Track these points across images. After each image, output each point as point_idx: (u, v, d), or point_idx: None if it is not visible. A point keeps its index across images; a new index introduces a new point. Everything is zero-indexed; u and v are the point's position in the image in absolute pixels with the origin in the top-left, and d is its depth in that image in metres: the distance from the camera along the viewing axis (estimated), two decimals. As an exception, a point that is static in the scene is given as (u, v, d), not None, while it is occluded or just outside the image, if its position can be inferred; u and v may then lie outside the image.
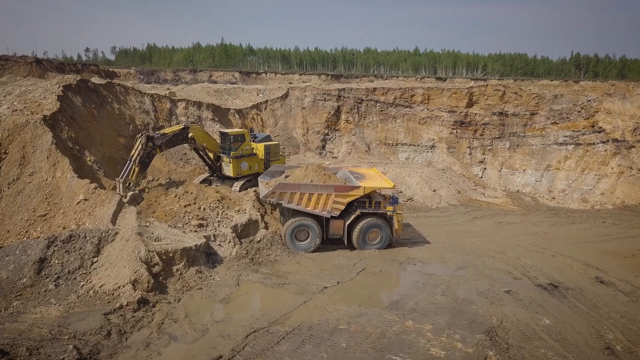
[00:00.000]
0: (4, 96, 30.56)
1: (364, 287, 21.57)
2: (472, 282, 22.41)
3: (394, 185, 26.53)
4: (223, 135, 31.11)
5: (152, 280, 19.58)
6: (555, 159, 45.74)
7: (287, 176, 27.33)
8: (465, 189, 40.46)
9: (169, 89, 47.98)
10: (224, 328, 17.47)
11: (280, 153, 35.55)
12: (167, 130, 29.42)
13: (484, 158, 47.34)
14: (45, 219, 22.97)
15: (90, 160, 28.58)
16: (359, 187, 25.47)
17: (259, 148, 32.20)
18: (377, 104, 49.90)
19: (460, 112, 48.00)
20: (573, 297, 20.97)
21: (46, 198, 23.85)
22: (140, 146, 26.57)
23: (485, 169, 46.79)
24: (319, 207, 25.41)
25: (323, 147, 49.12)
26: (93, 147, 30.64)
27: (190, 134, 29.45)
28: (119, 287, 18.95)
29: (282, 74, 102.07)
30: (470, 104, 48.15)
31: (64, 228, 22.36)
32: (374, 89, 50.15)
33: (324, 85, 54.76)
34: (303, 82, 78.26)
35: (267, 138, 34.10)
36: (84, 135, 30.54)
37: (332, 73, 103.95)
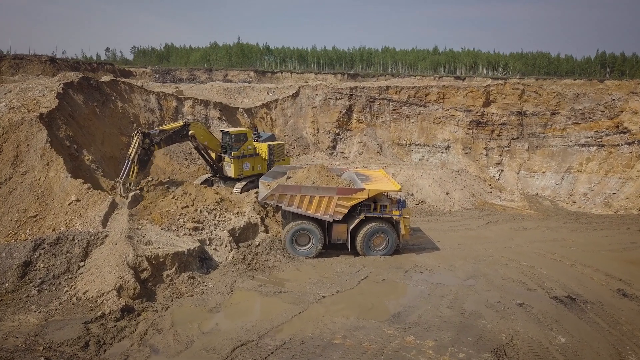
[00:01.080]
0: (5, 94, 29.98)
1: (365, 297, 20.22)
2: (481, 293, 20.86)
3: (401, 188, 25.09)
4: (224, 134, 30.05)
5: (138, 287, 18.57)
6: (577, 160, 43.61)
7: (288, 177, 26.11)
8: (481, 192, 38.69)
9: (177, 87, 47.30)
10: (210, 340, 16.33)
11: (286, 153, 34.38)
12: (166, 126, 28.46)
13: (501, 159, 45.45)
14: (35, 220, 22.16)
15: (88, 160, 27.80)
16: (363, 189, 24.10)
17: (262, 148, 31.06)
18: (390, 103, 48.39)
19: (477, 112, 46.17)
20: (592, 312, 19.26)
21: (38, 198, 23.06)
22: (137, 144, 25.61)
23: (502, 170, 44.89)
24: (321, 211, 24.12)
25: (334, 147, 47.82)
26: (93, 146, 29.90)
27: (190, 132, 28.44)
28: (103, 293, 17.98)
29: (297, 73, 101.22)
30: (487, 103, 46.27)
31: (53, 230, 21.52)
32: (387, 87, 48.62)
33: (337, 84, 53.43)
34: (318, 81, 77.02)
35: (272, 138, 32.94)
36: (83, 133, 29.81)
37: (348, 72, 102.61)
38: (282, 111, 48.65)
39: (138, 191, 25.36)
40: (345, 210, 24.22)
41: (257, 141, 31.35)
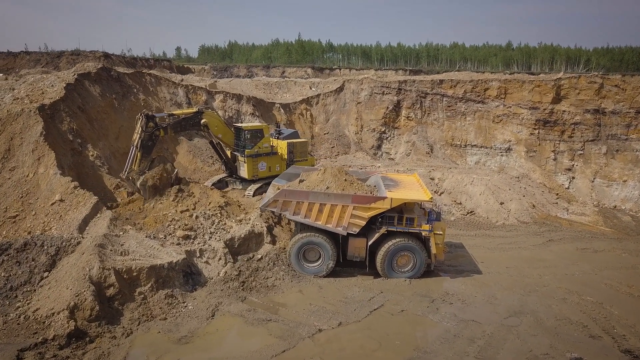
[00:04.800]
0: (20, 84, 28.68)
1: (373, 334, 16.22)
2: (525, 338, 16.15)
3: (432, 198, 20.67)
4: (237, 130, 26.90)
5: (97, 307, 15.73)
6: (668, 168, 36.42)
7: (301, 180, 22.44)
8: (543, 203, 32.94)
9: (216, 81, 45.04)
10: (160, 384, 13.10)
11: (310, 152, 30.69)
12: (177, 111, 25.78)
13: (573, 165, 39.00)
14: (14, 221, 20.09)
15: (92, 155, 25.72)
16: (384, 198, 19.94)
17: (282, 146, 27.61)
18: (444, 99, 43.25)
19: (545, 109, 39.96)
20: (680, 379, 14.07)
21: (21, 197, 21.03)
22: (140, 128, 23.05)
23: (573, 178, 38.48)
24: (333, 222, 20.27)
25: (378, 147, 43.48)
26: (103, 140, 27.90)
27: (203, 120, 25.59)
28: (54, 313, 15.32)
29: (356, 70, 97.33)
30: (557, 99, 39.94)
31: (29, 233, 19.31)
32: (441, 81, 43.50)
33: (385, 78, 48.94)
34: (378, 77, 72.66)
35: (294, 135, 29.41)
36: (94, 127, 27.89)
37: (410, 68, 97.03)
38: (324, 107, 45.00)
39: (144, 180, 22.77)
40: (363, 222, 20.22)
41: (277, 138, 27.97)
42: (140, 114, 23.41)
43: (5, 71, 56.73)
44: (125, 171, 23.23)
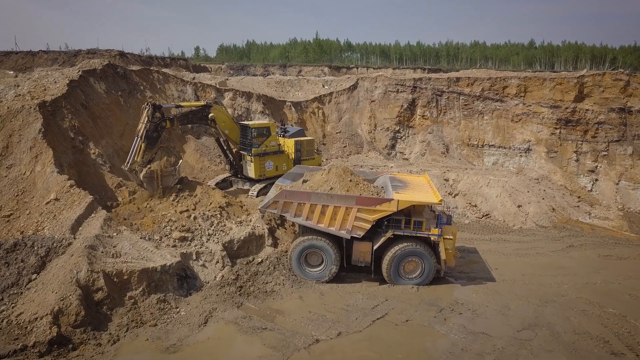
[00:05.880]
0: (25, 81, 28.31)
1: (373, 346, 15.14)
2: (540, 354, 14.88)
3: (441, 200, 19.44)
4: (244, 128, 26.03)
5: (82, 312, 14.97)
6: (700, 170, 34.36)
7: (305, 181, 21.44)
8: (564, 206, 31.29)
9: (227, 79, 44.37)
10: (141, 397, 12.24)
11: (316, 151, 29.66)
12: (185, 103, 25.08)
13: (596, 166, 37.14)
14: (8, 220, 19.52)
15: (94, 153, 25.12)
16: (390, 200, 18.80)
17: (288, 144, 26.66)
18: (461, 97, 41.75)
19: (567, 108, 38.17)
20: None
21: (17, 195, 20.48)
22: (146, 118, 22.24)
23: (596, 180, 36.64)
24: (336, 224, 19.21)
25: (392, 146, 42.21)
26: (106, 138, 27.31)
27: (211, 114, 24.89)
28: (37, 318, 14.57)
29: (374, 68, 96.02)
30: (580, 98, 38.11)
31: (22, 233, 18.71)
32: (458, 78, 42.01)
33: (400, 75, 47.55)
34: (392, 75, 71.28)
35: (300, 132, 28.40)
36: (97, 125, 27.32)
37: (429, 67, 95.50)
38: (337, 105, 43.90)
39: (148, 171, 21.80)
40: (368, 226, 19.11)
41: (283, 136, 27.02)
42: (147, 103, 22.59)
43: (24, 70, 57.09)
44: (128, 162, 22.23)
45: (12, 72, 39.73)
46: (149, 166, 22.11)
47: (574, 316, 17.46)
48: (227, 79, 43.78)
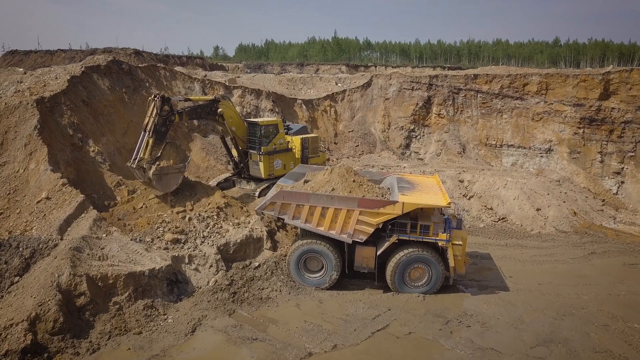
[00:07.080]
0: (29, 77, 27.87)
1: (371, 362, 13.91)
2: (555, 375, 13.46)
3: (450, 203, 18.11)
4: (252, 125, 25.05)
5: (61, 319, 14.14)
6: None
7: (306, 181, 20.31)
8: (587, 210, 29.49)
9: (238, 77, 43.60)
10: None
11: (321, 149, 28.45)
12: (193, 97, 24.23)
13: (622, 168, 35.12)
14: (-3, 220, 18.87)
15: (94, 151, 24.39)
16: (395, 202, 17.54)
17: (295, 142, 25.61)
18: (479, 95, 40.09)
19: (591, 106, 36.20)
20: None
21: (9, 194, 19.84)
22: (154, 110, 21.25)
23: (622, 182, 34.62)
24: (337, 228, 18.05)
25: (407, 146, 40.80)
26: (106, 136, 26.64)
27: (219, 109, 23.99)
28: (12, 324, 13.75)
29: (392, 67, 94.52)
30: (605, 96, 36.10)
31: (9, 233, 18.03)
32: (476, 75, 40.34)
33: (415, 72, 46.05)
34: (407, 72, 69.75)
35: (304, 130, 27.35)
36: (99, 122, 26.69)
37: (449, 65, 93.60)
38: (350, 103, 42.69)
39: (157, 168, 20.78)
40: (371, 230, 17.91)
41: (287, 134, 25.97)
42: (155, 96, 21.55)
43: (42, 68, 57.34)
44: (134, 159, 21.13)
45: (21, 69, 39.49)
46: (158, 163, 21.18)
47: (594, 332, 15.95)
48: (238, 77, 43.04)
